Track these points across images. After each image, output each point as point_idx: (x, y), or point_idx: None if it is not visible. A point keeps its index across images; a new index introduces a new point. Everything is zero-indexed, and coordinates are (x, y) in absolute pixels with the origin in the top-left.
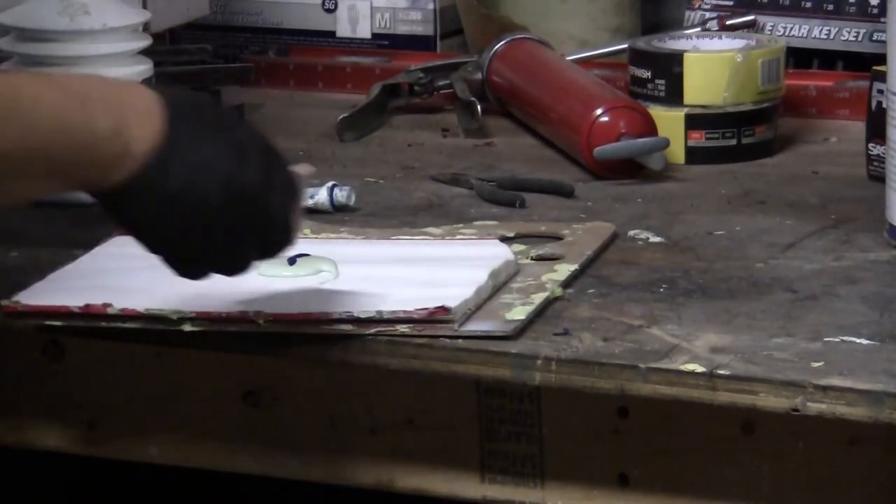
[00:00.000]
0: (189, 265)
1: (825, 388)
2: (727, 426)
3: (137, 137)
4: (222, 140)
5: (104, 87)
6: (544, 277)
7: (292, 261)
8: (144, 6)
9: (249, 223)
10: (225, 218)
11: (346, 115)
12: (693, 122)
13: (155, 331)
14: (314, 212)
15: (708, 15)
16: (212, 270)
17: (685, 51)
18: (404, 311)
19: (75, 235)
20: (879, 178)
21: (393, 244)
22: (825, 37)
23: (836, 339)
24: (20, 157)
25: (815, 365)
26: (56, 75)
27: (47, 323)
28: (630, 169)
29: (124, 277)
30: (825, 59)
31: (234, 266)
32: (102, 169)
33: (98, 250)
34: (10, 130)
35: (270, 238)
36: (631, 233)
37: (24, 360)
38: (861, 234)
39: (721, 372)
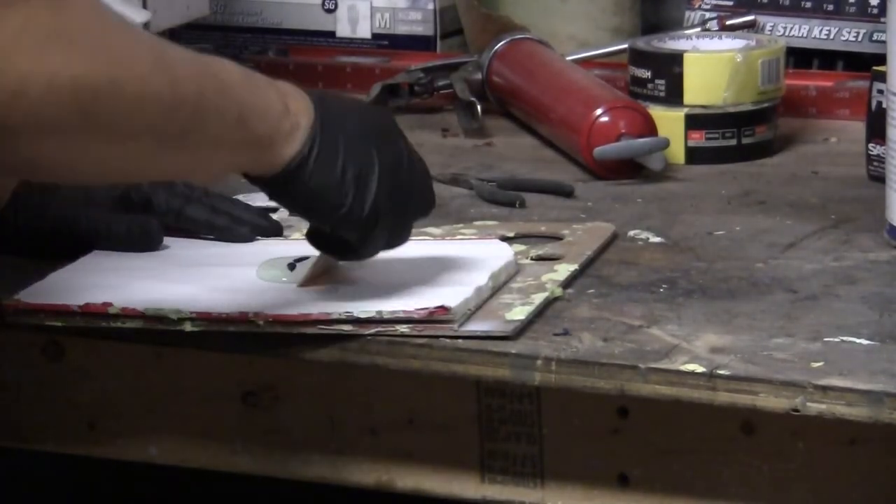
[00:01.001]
0: (365, 233)
1: (825, 388)
2: (727, 426)
3: (300, 112)
4: (359, 113)
5: (258, 74)
6: (544, 277)
7: (292, 266)
8: (144, 6)
9: (406, 185)
10: (386, 179)
11: None
12: (693, 122)
13: (155, 331)
14: None
15: (708, 15)
16: (385, 237)
17: (685, 51)
18: (404, 311)
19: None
20: (879, 178)
21: None
22: (825, 37)
23: (836, 339)
24: (230, 126)
25: (815, 365)
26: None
27: (47, 322)
28: (630, 169)
29: (124, 277)
30: (825, 59)
31: (402, 230)
32: (281, 145)
33: (97, 251)
34: (219, 99)
35: (421, 203)
36: (631, 233)
37: (24, 360)
38: (861, 234)
39: (721, 372)
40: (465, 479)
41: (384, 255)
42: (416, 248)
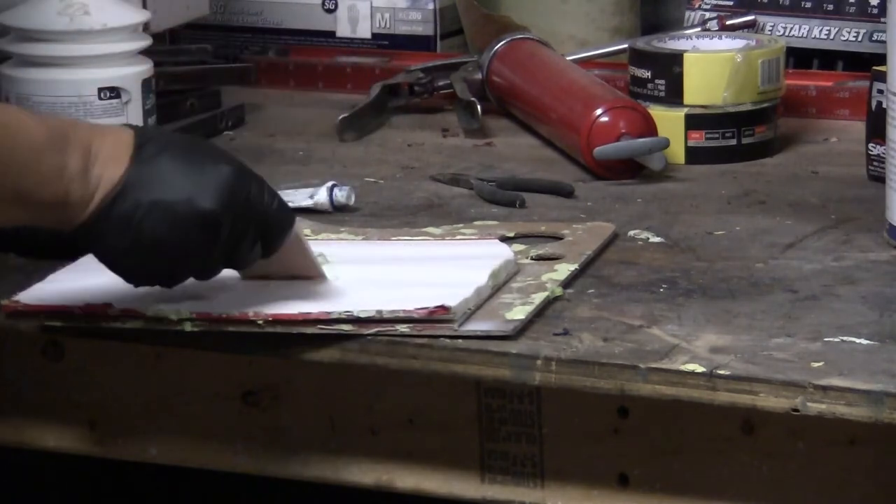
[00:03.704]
0: (157, 283)
1: (825, 388)
2: (727, 426)
3: (101, 178)
4: (189, 178)
5: (81, 130)
6: (544, 277)
7: None
8: (144, 6)
9: (198, 251)
10: (176, 247)
11: (346, 115)
12: (693, 122)
13: (155, 331)
14: (314, 212)
15: (708, 15)
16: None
17: (685, 51)
18: (404, 311)
19: None
20: (879, 178)
21: (393, 244)
22: (825, 37)
23: (836, 339)
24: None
25: (815, 365)
26: (49, 117)
27: (47, 323)
28: (630, 169)
29: None
30: (825, 59)
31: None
32: (65, 207)
33: None
34: None
35: (212, 265)
36: (631, 233)
37: (24, 360)
38: (861, 234)
39: (721, 372)
40: (465, 479)
41: (384, 255)
42: (415, 247)
